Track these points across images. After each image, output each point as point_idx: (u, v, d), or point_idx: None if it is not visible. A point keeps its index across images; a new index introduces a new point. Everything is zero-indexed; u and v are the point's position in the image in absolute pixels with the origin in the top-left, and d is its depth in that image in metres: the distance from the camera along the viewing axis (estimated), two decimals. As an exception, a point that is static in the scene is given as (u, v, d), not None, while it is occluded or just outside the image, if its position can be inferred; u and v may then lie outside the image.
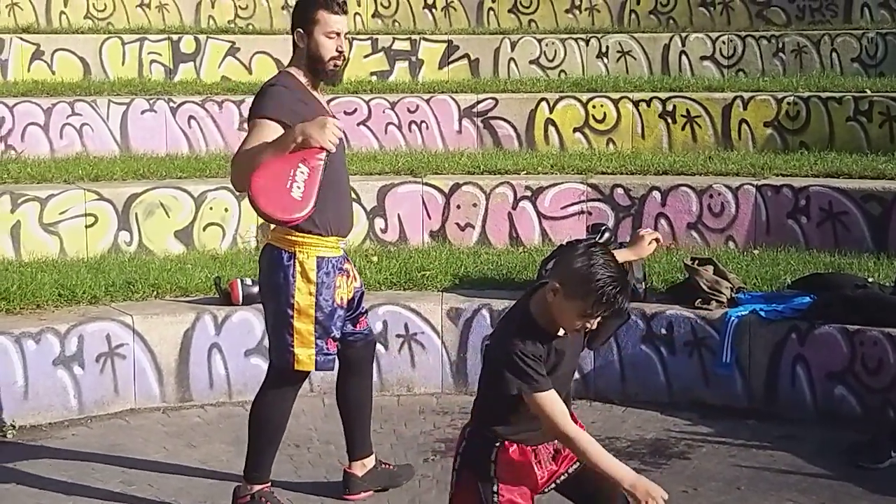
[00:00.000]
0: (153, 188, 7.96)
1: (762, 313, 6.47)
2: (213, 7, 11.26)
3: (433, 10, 11.63)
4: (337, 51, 4.90)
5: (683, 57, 10.77)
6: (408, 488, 5.46)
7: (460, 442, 3.84)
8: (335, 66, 4.93)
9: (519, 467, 3.73)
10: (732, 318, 6.50)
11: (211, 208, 8.02)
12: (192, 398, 6.65)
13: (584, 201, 8.31)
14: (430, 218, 8.31)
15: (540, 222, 8.31)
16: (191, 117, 9.30)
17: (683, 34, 10.91)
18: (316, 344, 4.90)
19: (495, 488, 3.69)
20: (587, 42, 10.89)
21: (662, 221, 8.17)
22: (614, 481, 3.54)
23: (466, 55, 10.82)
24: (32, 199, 7.64)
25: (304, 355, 4.90)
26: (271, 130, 4.69)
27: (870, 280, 6.68)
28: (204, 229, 8.01)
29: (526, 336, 3.59)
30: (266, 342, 6.66)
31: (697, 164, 8.67)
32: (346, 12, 4.93)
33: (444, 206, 8.31)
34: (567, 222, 8.26)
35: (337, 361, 5.16)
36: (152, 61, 10.22)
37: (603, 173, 8.58)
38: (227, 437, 6.17)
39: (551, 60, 10.73)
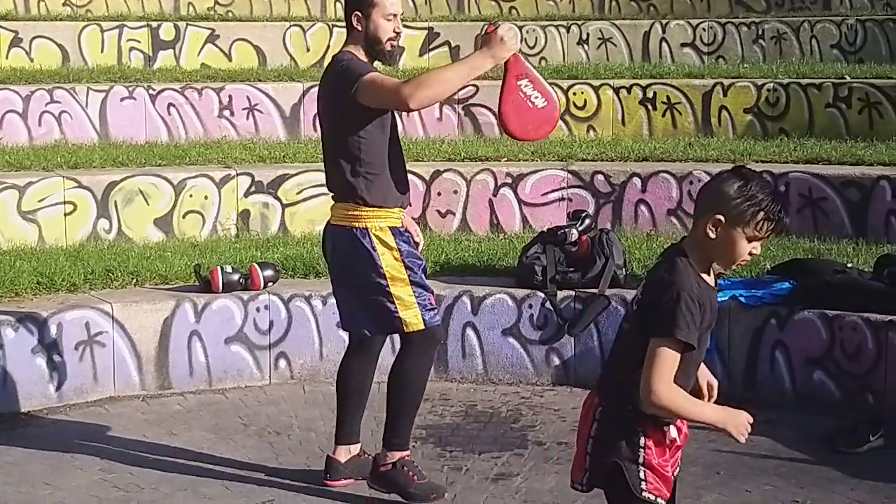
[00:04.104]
0: (132, 176, 7.93)
1: (742, 299, 6.48)
2: (192, -6, 11.21)
3: (414, -3, 11.61)
4: (395, 32, 5.07)
5: (664, 44, 10.77)
6: (388, 475, 5.46)
7: (590, 424, 3.52)
8: (392, 46, 5.10)
9: (664, 448, 3.46)
10: (712, 303, 6.50)
11: (191, 196, 7.99)
12: (171, 386, 6.63)
13: (564, 188, 8.31)
14: (410, 205, 8.27)
15: (520, 209, 8.32)
16: (170, 105, 9.26)
17: (664, 21, 10.90)
18: (418, 303, 5.04)
19: (642, 474, 3.43)
20: (568, 29, 10.88)
21: (643, 208, 8.19)
22: None
23: (447, 42, 10.80)
24: (11, 186, 7.59)
25: (411, 316, 5.03)
26: (392, 78, 5.00)
27: (849, 265, 6.70)
28: (184, 217, 7.98)
29: (694, 281, 3.36)
30: (246, 330, 6.74)
31: (678, 151, 8.68)
32: None
33: (425, 192, 8.30)
34: (548, 209, 8.27)
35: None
36: (131, 48, 10.17)
37: (583, 160, 8.59)
38: (208, 424, 6.16)
39: (532, 47, 10.72)
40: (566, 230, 7.05)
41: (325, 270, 7.18)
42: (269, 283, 6.89)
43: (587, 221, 7.21)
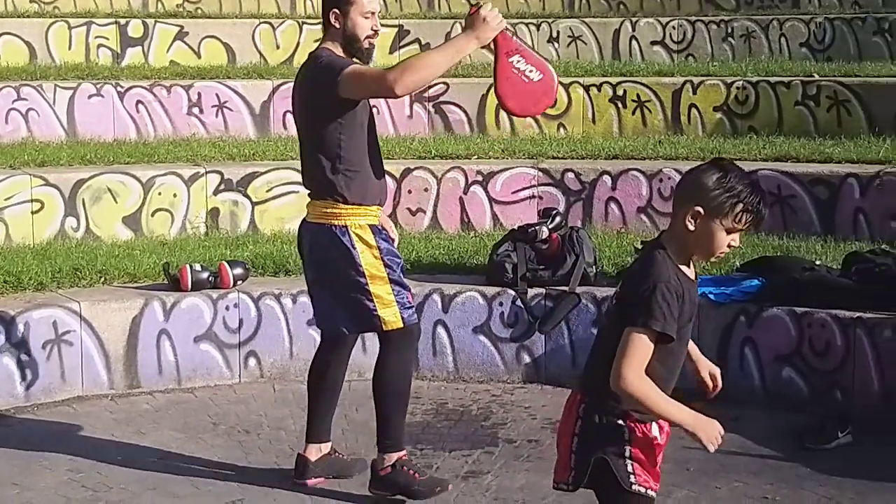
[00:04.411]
0: (100, 174, 7.87)
1: (711, 296, 6.50)
2: (161, -9, 11.15)
3: (384, -5, 11.59)
4: (372, 30, 5.08)
5: (634, 42, 10.79)
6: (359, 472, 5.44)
7: (573, 422, 3.50)
8: (370, 44, 5.12)
9: (648, 444, 3.47)
10: (682, 301, 6.52)
11: (159, 194, 7.95)
12: (140, 385, 6.59)
13: (535, 186, 8.32)
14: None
15: (491, 207, 8.32)
16: (139, 102, 9.20)
17: (633, 19, 10.93)
18: (397, 301, 5.04)
19: (630, 468, 3.42)
20: (538, 27, 10.88)
21: (613, 206, 8.20)
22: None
23: (417, 40, 10.79)
24: (-23, 184, 7.54)
25: (389, 315, 5.03)
26: (374, 68, 5.09)
27: (817, 263, 6.73)
28: (152, 215, 7.94)
29: (671, 273, 3.36)
30: (216, 328, 6.71)
31: (647, 149, 8.70)
32: None
33: (396, 190, 8.28)
34: (518, 207, 8.27)
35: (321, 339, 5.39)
36: (99, 46, 10.10)
37: (554, 158, 8.59)
38: (177, 423, 6.13)
39: (502, 45, 10.70)
40: (536, 228, 7.06)
41: (295, 269, 7.18)
42: (239, 282, 6.86)
43: (557, 219, 7.22)
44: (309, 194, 5.18)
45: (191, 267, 6.76)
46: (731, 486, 5.31)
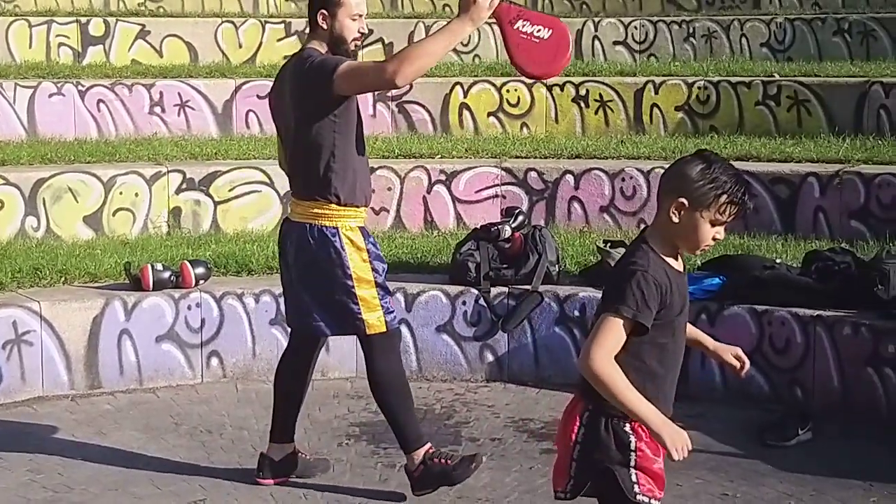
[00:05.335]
0: (61, 173, 7.82)
1: (673, 295, 6.52)
2: (122, -11, 11.08)
3: (347, -6, 11.55)
4: (359, 32, 5.09)
5: (596, 42, 10.82)
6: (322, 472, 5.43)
7: (575, 429, 3.42)
8: (356, 46, 5.13)
9: (653, 445, 3.37)
10: (644, 299, 6.55)
11: (121, 193, 7.90)
12: (101, 385, 6.55)
13: (498, 185, 8.33)
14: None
15: (454, 206, 8.32)
16: (100, 101, 9.14)
17: (596, 19, 10.96)
18: (381, 306, 5.03)
19: (634, 477, 3.36)
20: (501, 26, 10.88)
21: (575, 205, 8.23)
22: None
23: (381, 39, 10.76)
24: (-64, 184, 7.48)
25: (374, 318, 5.02)
26: (368, 61, 5.10)
27: (778, 261, 6.78)
28: (114, 214, 7.89)
29: (653, 263, 3.33)
30: (178, 328, 6.68)
31: (610, 148, 8.73)
32: None
33: (359, 190, 8.26)
34: (481, 206, 8.28)
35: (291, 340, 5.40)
36: (60, 44, 10.03)
37: (517, 157, 8.61)
38: (138, 424, 6.10)
39: (465, 45, 10.71)
40: (499, 227, 7.08)
41: (258, 268, 7.18)
42: (201, 281, 6.83)
43: (520, 218, 7.24)
44: (294, 194, 5.14)
45: (152, 266, 6.73)
46: (692, 482, 5.33)
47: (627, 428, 3.35)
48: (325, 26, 5.05)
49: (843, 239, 7.45)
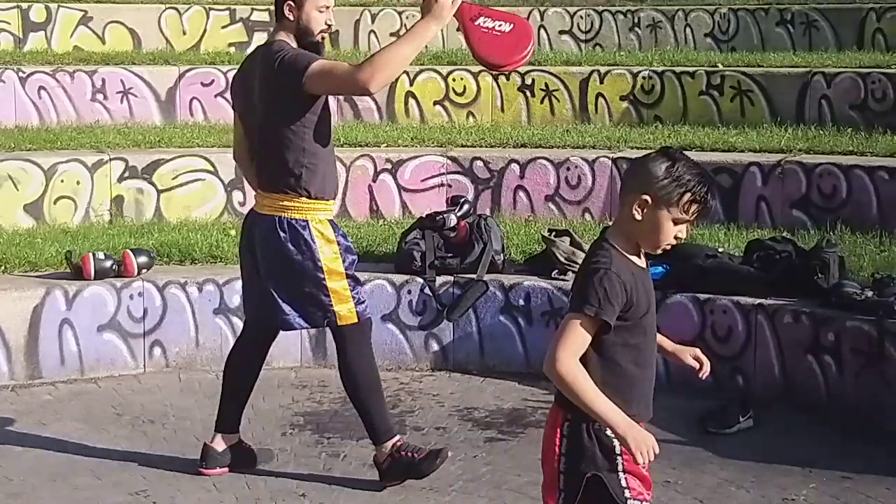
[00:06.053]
0: (1, 160, 7.72)
1: (617, 283, 6.56)
2: (64, -25, 10.95)
3: (292, -19, 11.48)
4: (326, 24, 5.04)
5: (542, 31, 10.85)
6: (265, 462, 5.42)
7: (558, 442, 3.38)
8: (323, 38, 5.08)
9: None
10: (588, 288, 6.58)
11: (62, 181, 7.81)
12: (41, 375, 6.48)
13: (444, 174, 8.33)
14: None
15: (400, 195, 8.31)
16: (41, 88, 9.03)
17: (542, 8, 10.99)
18: (352, 297, 5.04)
19: (624, 482, 3.32)
20: (447, 15, 10.86)
21: (521, 194, 8.24)
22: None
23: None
24: None
25: (345, 310, 5.03)
26: (340, 64, 5.02)
27: (720, 250, 6.83)
28: (55, 202, 7.80)
29: (615, 260, 3.28)
30: (120, 317, 6.62)
31: (555, 137, 8.75)
32: None
33: (304, 178, 8.23)
34: (427, 195, 8.27)
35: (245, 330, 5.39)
36: (1, 30, 9.90)
37: (463, 146, 8.61)
38: (79, 414, 6.04)
39: (411, 33, 10.69)
40: (445, 216, 7.07)
41: (201, 257, 7.14)
42: (144, 270, 6.77)
43: (466, 207, 7.25)
44: (261, 186, 5.08)
45: (94, 255, 6.67)
46: (635, 470, 5.36)
47: (609, 432, 3.29)
48: (291, 17, 5.01)
49: (784, 228, 7.52)
